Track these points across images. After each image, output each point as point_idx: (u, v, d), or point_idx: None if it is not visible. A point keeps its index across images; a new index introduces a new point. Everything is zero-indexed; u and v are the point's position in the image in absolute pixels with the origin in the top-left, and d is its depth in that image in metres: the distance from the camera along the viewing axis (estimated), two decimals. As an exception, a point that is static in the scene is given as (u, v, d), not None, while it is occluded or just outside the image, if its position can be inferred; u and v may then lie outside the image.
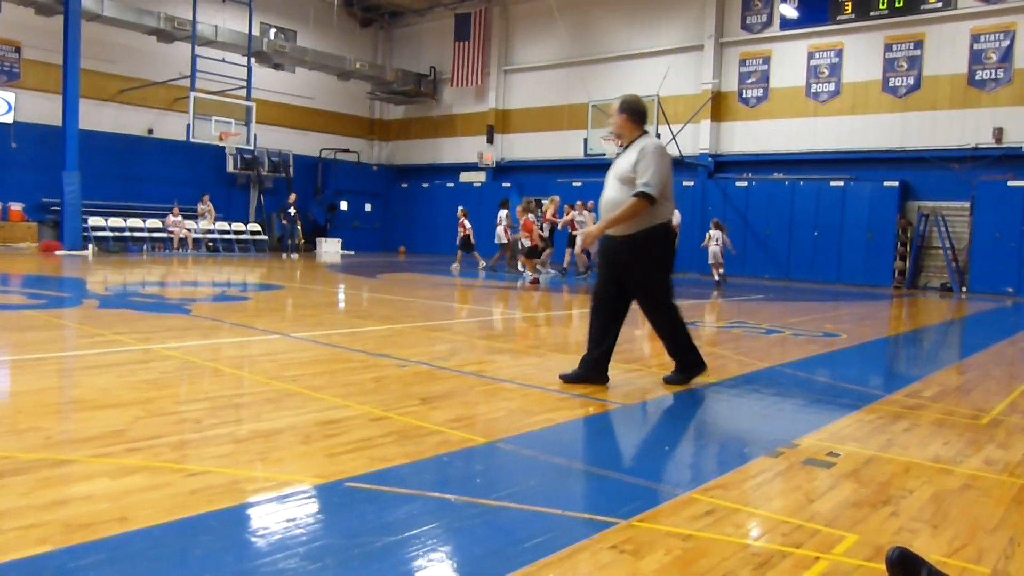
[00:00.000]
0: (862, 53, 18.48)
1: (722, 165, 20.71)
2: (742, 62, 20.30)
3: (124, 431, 3.52)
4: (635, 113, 5.10)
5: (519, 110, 25.09)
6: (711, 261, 16.72)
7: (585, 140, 20.35)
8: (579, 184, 22.76)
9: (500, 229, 18.57)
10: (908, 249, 17.91)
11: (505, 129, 25.36)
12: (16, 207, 19.77)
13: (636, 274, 5.08)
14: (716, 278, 16.66)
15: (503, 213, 18.70)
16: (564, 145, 23.30)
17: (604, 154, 19.78)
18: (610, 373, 5.19)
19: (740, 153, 20.40)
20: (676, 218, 18.46)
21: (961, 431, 4.28)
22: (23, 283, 11.40)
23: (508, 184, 24.89)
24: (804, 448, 3.76)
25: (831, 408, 4.75)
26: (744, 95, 20.29)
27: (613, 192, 5.03)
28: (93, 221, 20.03)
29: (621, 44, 22.48)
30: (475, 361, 5.94)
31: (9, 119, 19.67)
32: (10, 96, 19.66)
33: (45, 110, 19.58)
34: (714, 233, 16.66)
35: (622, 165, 5.02)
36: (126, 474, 2.94)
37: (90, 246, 19.22)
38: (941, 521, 2.85)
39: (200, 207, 21.50)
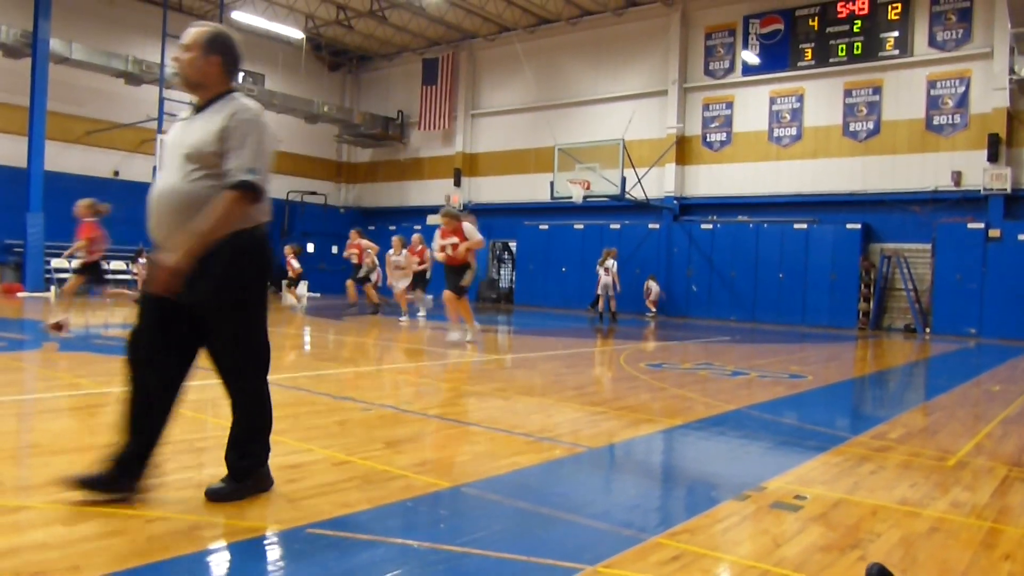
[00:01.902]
0: (823, 98, 19.02)
1: (687, 208, 21.04)
2: (706, 107, 20.77)
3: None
4: (228, 55, 3.32)
5: (486, 153, 25.33)
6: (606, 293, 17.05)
7: (551, 183, 20.57)
8: (545, 227, 22.96)
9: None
10: (872, 291, 18.25)
11: (472, 172, 25.56)
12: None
13: (218, 302, 3.18)
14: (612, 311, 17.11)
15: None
16: (531, 188, 23.52)
17: (570, 197, 20.00)
18: (575, 415, 5.17)
19: (705, 196, 20.76)
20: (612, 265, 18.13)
21: (927, 473, 4.32)
22: (-21, 326, 11.13)
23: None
24: (771, 491, 3.77)
25: (798, 450, 4.78)
26: (708, 139, 20.72)
27: (176, 177, 3.18)
28: (56, 263, 19.68)
29: (587, 89, 22.90)
30: (440, 404, 5.90)
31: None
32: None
33: (10, 151, 19.37)
34: (610, 264, 16.89)
35: (196, 134, 3.17)
36: (80, 520, 2.86)
37: (52, 288, 18.85)
38: (910, 565, 2.85)
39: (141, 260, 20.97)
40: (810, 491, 3.80)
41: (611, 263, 16.98)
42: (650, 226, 21.13)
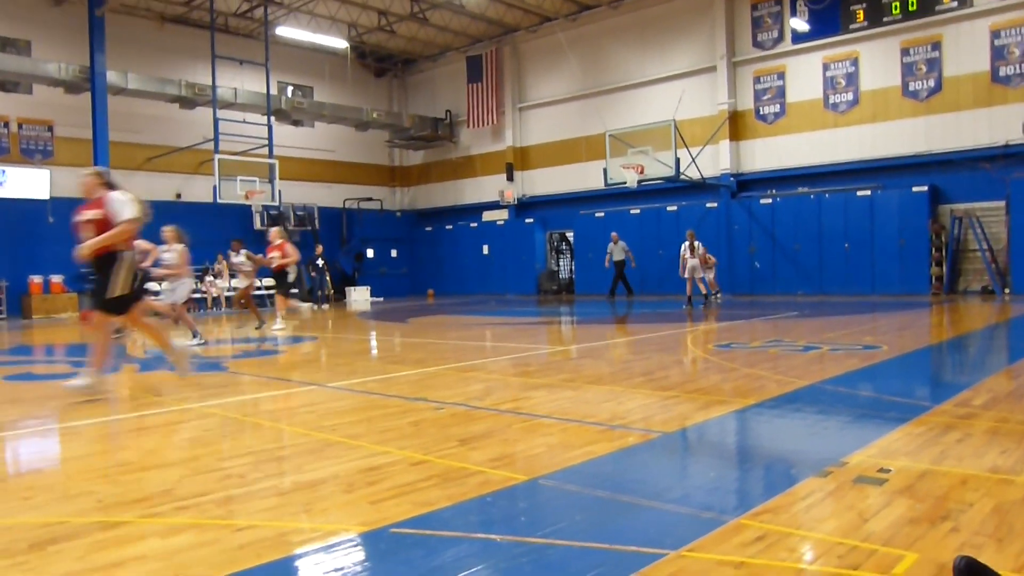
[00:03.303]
0: (878, 60, 18.42)
1: (745, 184, 20.65)
2: (756, 79, 20.33)
3: (171, 490, 3.56)
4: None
5: (537, 145, 25.30)
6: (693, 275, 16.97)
7: (604, 170, 20.44)
8: (601, 215, 22.82)
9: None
10: (944, 254, 17.63)
11: (524, 165, 25.56)
12: (56, 279, 20.26)
13: None
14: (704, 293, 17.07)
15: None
16: (584, 177, 23.42)
17: (624, 183, 19.84)
18: (646, 401, 5.14)
19: (762, 171, 20.34)
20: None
21: (1018, 439, 4.16)
22: (66, 352, 11.64)
23: (531, 220, 25.03)
24: (853, 466, 3.69)
25: (878, 423, 4.66)
26: (761, 112, 20.29)
27: None
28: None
29: (634, 72, 22.66)
30: (511, 399, 5.93)
31: (46, 195, 20.29)
32: (45, 173, 20.30)
33: (78, 184, 20.12)
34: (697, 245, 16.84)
35: None
36: (176, 533, 2.97)
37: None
38: (1006, 534, 2.76)
39: (216, 266, 21.65)
40: (894, 464, 3.70)
41: (698, 244, 16.76)
42: (708, 205, 20.82)
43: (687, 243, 16.81)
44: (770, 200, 19.92)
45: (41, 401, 6.60)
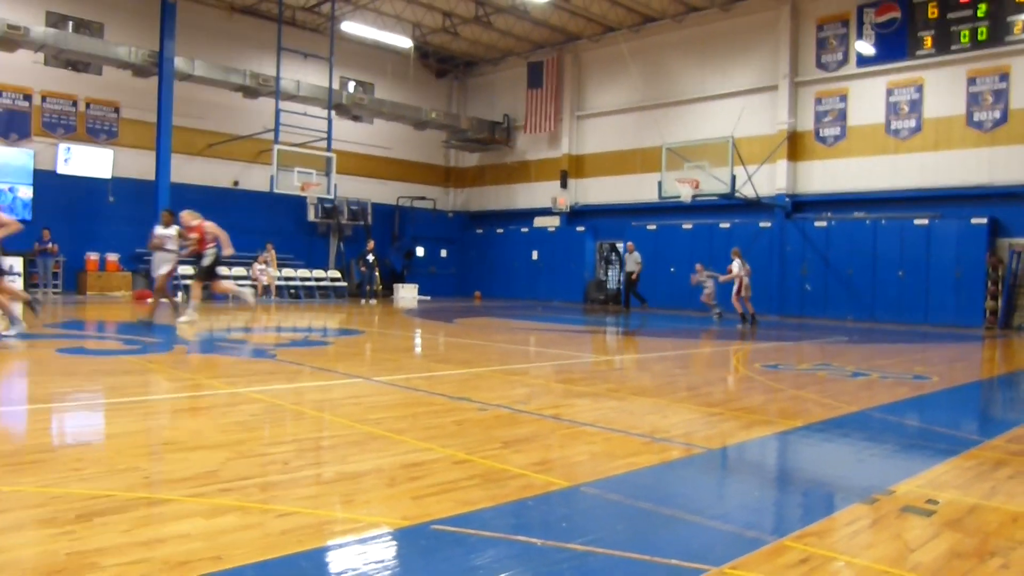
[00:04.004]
0: (943, 88, 17.99)
1: (800, 205, 20.32)
2: (818, 100, 20.01)
3: (216, 472, 3.62)
4: None
5: (592, 154, 25.24)
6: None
7: (659, 183, 20.28)
8: (653, 227, 22.66)
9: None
10: (1000, 288, 17.12)
11: (579, 174, 25.51)
12: (112, 258, 20.82)
13: None
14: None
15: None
16: (638, 188, 23.28)
17: (679, 196, 19.67)
18: (690, 416, 5.08)
19: (819, 193, 19.99)
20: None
21: (1075, 480, 4.01)
22: (118, 330, 11.94)
23: (582, 228, 24.96)
24: (900, 495, 3.59)
25: (927, 454, 4.54)
26: (821, 134, 19.95)
27: None
28: (183, 270, 20.87)
29: (694, 87, 22.47)
30: (554, 405, 5.91)
31: (108, 174, 20.88)
32: (108, 153, 20.90)
33: (140, 165, 20.70)
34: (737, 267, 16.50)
35: None
36: (219, 514, 3.01)
37: (179, 294, 20.02)
38: (1060, 576, 2.66)
39: (263, 255, 21.91)
40: (942, 495, 3.59)
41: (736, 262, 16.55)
42: (761, 224, 20.53)
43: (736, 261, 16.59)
44: (825, 223, 19.56)
45: (93, 375, 6.77)
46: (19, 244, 19.12)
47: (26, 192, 19.79)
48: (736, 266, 16.36)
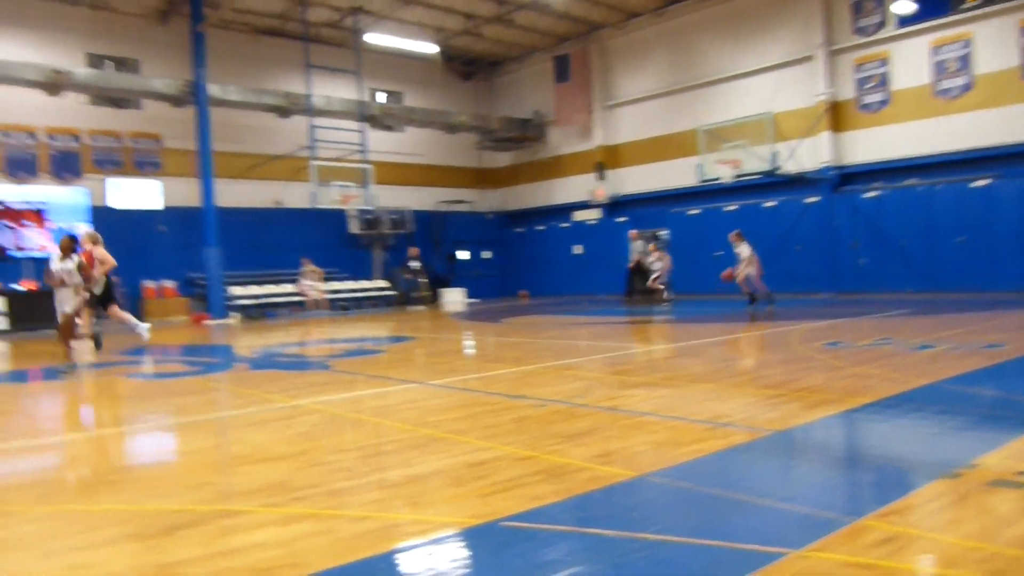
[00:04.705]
0: (994, 40, 17.32)
1: (847, 177, 19.85)
2: (857, 67, 19.53)
3: (286, 482, 3.67)
4: None
5: (626, 143, 25.03)
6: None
7: (698, 166, 20.03)
8: (696, 212, 22.40)
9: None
10: (1073, 247, 16.44)
11: (615, 164, 25.33)
12: (169, 284, 21.32)
13: None
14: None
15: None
16: (677, 173, 23.01)
17: (718, 179, 19.41)
18: (751, 399, 4.99)
19: (866, 162, 19.50)
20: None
21: None
22: (181, 352, 12.22)
23: (623, 219, 24.79)
24: (986, 468, 3.47)
25: (1010, 424, 4.38)
26: (864, 102, 19.47)
27: None
28: (235, 291, 21.30)
29: (725, 65, 22.13)
30: (611, 396, 5.86)
31: (157, 205, 21.41)
32: (156, 184, 21.43)
33: (185, 193, 21.16)
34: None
35: None
36: (293, 522, 3.05)
37: (234, 314, 20.43)
38: None
39: (303, 269, 22.01)
40: (1032, 465, 3.46)
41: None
42: (807, 200, 20.13)
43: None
44: (875, 193, 19.09)
45: (161, 397, 6.93)
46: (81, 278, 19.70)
47: (84, 228, 20.34)
48: (746, 249, 15.94)
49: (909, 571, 2.36)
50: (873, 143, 19.28)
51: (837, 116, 19.80)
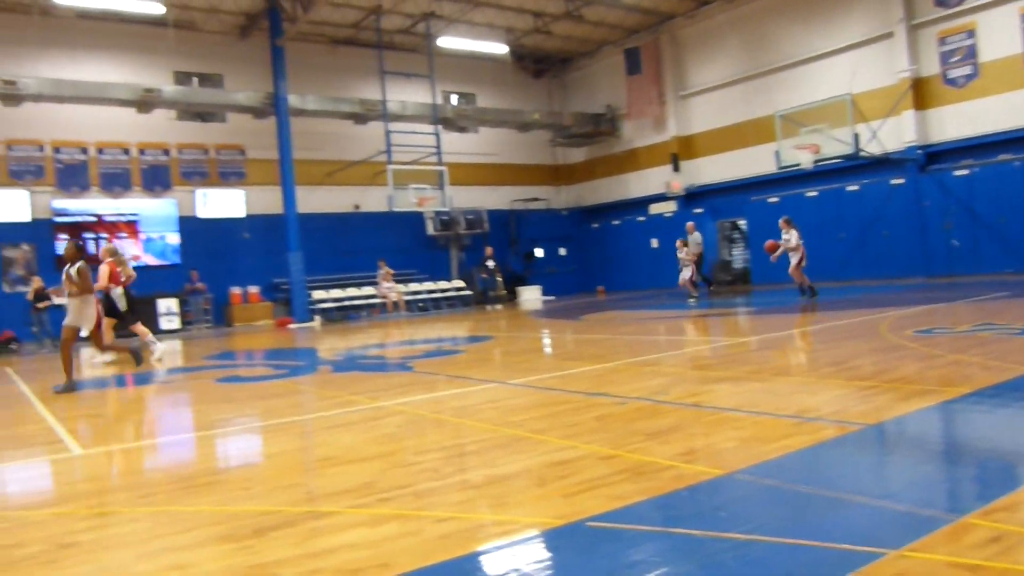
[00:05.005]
0: (1092, 3, 16.30)
1: (935, 156, 19.01)
2: (941, 41, 18.66)
3: (372, 483, 3.74)
4: None
5: (701, 133, 24.59)
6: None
7: (776, 153, 19.51)
8: (775, 199, 21.82)
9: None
10: None
11: (690, 155, 24.92)
12: (254, 290, 22.06)
13: None
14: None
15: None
16: (754, 161, 22.48)
17: (798, 165, 18.85)
18: (841, 392, 4.83)
19: (955, 139, 18.63)
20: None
21: None
22: (266, 356, 12.61)
23: (700, 210, 24.35)
24: (1098, 457, 3.27)
25: (1121, 410, 4.12)
26: (949, 76, 18.60)
27: None
28: (316, 294, 21.87)
29: (800, 48, 21.48)
30: (694, 392, 5.77)
31: (241, 213, 22.18)
32: (240, 193, 22.20)
33: (268, 201, 21.85)
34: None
35: None
36: (381, 523, 3.11)
37: (316, 318, 20.98)
38: None
39: (380, 272, 22.35)
40: None
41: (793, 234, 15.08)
42: (893, 182, 19.37)
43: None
44: (966, 171, 18.21)
45: (249, 400, 7.17)
46: (171, 285, 20.61)
47: (173, 238, 21.30)
48: (795, 237, 15.00)
49: (1020, 573, 2.24)
50: (961, 119, 18.41)
51: (921, 93, 18.99)
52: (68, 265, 8.98)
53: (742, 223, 23.66)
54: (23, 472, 4.90)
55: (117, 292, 11.63)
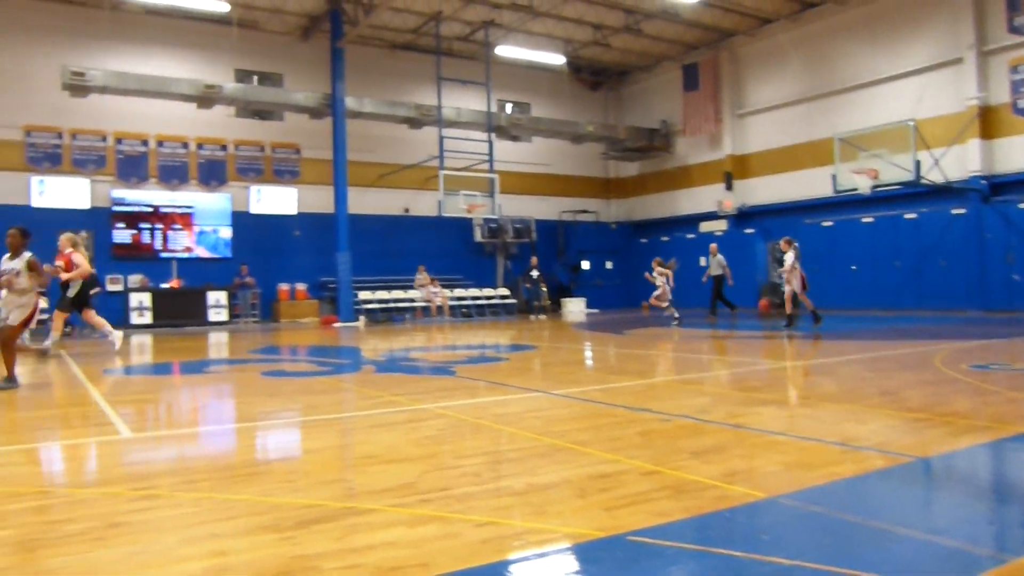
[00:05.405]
0: None
1: (999, 187, 18.50)
2: (1013, 69, 18.19)
3: (414, 483, 3.76)
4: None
5: (757, 153, 24.31)
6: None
7: (833, 176, 19.19)
8: (829, 223, 21.46)
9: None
10: None
11: (743, 174, 24.65)
12: (301, 287, 22.42)
13: None
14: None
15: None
16: (809, 184, 22.14)
17: (856, 188, 18.52)
18: (891, 422, 4.72)
19: (1021, 171, 18.12)
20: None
21: None
22: (311, 353, 12.79)
23: (751, 230, 24.06)
24: None
25: None
26: (1020, 106, 18.11)
27: None
28: (362, 295, 22.12)
29: (863, 70, 21.12)
30: (739, 413, 5.69)
31: (293, 211, 22.57)
32: (293, 191, 22.60)
33: (320, 200, 22.18)
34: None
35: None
36: (420, 523, 3.12)
37: (361, 318, 21.21)
38: None
39: (417, 277, 22.60)
40: None
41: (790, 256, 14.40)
42: (954, 211, 18.90)
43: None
44: (1032, 204, 17.69)
45: (294, 395, 7.28)
46: (221, 279, 21.04)
47: (226, 232, 21.76)
48: (790, 258, 14.33)
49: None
50: (1031, 151, 17.91)
51: (988, 122, 18.53)
52: (10, 256, 8.06)
53: (715, 247, 23.20)
54: (74, 451, 5.04)
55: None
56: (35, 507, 3.58)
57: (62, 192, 19.82)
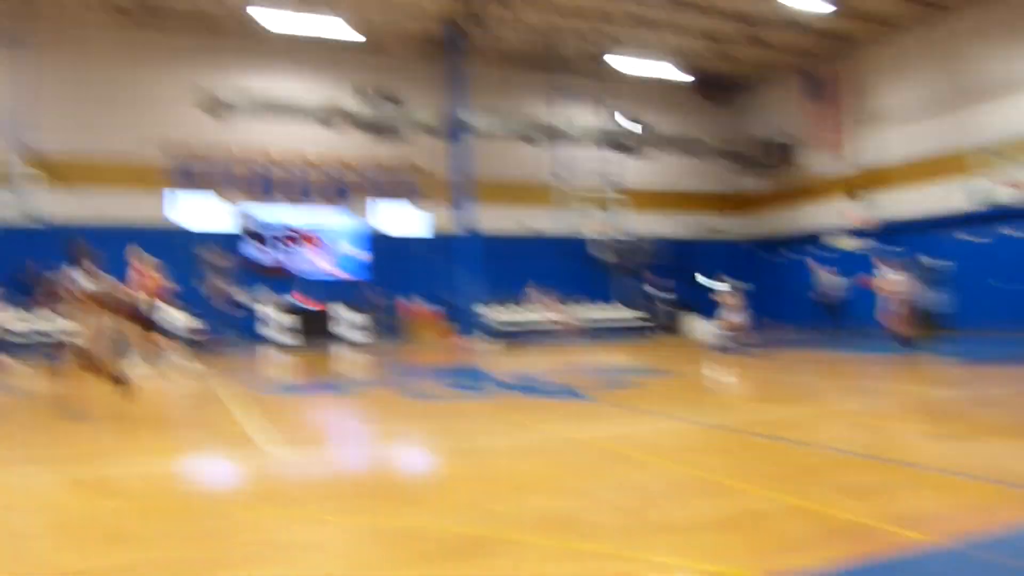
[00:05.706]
0: None
1: None
2: None
3: (573, 517, 3.84)
4: None
5: (886, 164, 23.19)
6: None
7: (971, 189, 18.02)
8: (969, 238, 20.17)
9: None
10: None
11: (872, 186, 23.55)
12: (429, 306, 22.94)
13: None
14: None
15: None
16: (944, 197, 20.86)
17: (997, 202, 17.35)
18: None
19: None
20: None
21: None
22: (445, 373, 13.04)
23: (896, 247, 22.91)
24: None
25: None
26: None
27: None
28: (490, 314, 22.41)
29: (1004, 75, 19.77)
30: (904, 448, 5.49)
31: (421, 231, 23.30)
32: (417, 210, 23.34)
33: (443, 219, 22.74)
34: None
35: None
36: (586, 559, 3.19)
37: (491, 338, 21.52)
38: None
39: (537, 296, 22.44)
40: None
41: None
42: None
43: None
44: None
45: (435, 418, 7.49)
46: (352, 298, 21.81)
47: (355, 251, 22.67)
48: (891, 277, 13.68)
49: None
50: None
51: None
52: (85, 273, 7.54)
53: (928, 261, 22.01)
54: (225, 468, 5.42)
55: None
56: (206, 528, 3.83)
57: (199, 210, 21.05)
